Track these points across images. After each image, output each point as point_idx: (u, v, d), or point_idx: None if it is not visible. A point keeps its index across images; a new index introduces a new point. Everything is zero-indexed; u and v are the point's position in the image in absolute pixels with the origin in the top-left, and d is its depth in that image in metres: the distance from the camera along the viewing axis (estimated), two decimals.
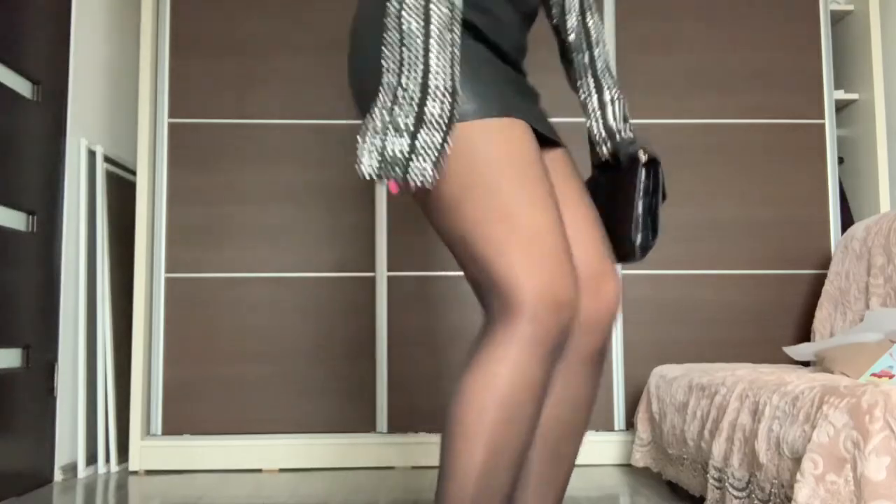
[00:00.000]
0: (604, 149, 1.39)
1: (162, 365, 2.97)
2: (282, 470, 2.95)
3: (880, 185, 3.08)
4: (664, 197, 1.32)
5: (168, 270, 3.00)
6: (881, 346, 1.91)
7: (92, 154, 3.02)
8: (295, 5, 3.09)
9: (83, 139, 2.96)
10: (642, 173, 1.29)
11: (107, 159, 3.11)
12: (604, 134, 1.39)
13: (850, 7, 3.28)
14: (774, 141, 3.09)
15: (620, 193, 1.32)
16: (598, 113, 1.41)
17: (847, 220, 3.12)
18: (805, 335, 2.96)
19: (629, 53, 3.10)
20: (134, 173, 3.18)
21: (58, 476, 2.76)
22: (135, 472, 2.90)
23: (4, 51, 2.55)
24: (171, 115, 3.04)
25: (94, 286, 2.97)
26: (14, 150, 2.59)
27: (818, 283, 2.96)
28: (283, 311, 3.01)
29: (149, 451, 2.92)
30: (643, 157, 1.30)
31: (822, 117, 3.09)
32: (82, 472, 2.84)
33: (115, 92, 3.29)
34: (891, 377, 1.77)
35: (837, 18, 3.32)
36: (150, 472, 2.90)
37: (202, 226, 3.02)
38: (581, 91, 1.45)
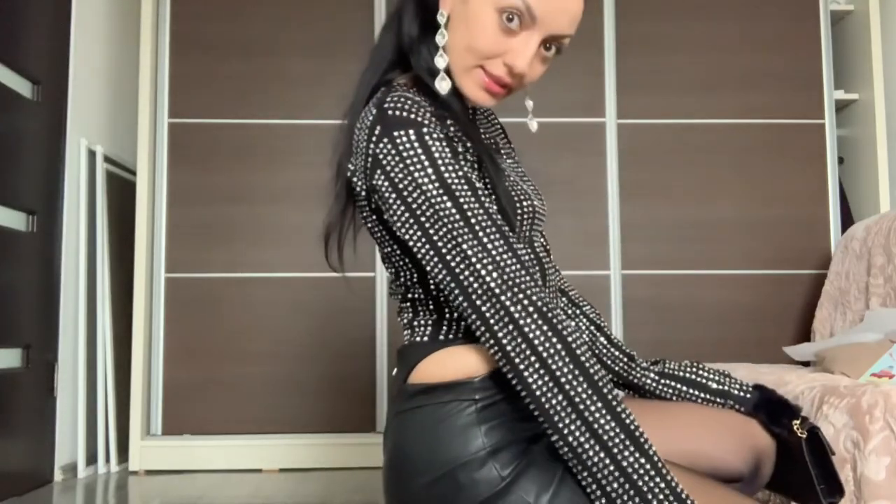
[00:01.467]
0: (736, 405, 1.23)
1: (162, 365, 2.97)
2: (282, 470, 2.94)
3: (880, 185, 3.07)
4: (832, 452, 1.19)
5: (168, 270, 3.00)
6: (881, 346, 1.91)
7: (92, 154, 3.02)
8: (294, 6, 3.09)
9: (83, 139, 2.96)
10: (806, 449, 1.15)
11: (107, 159, 3.10)
12: (719, 399, 1.22)
13: (850, 7, 3.28)
14: (774, 141, 3.08)
15: (791, 467, 1.19)
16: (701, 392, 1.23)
17: (847, 220, 3.12)
18: (805, 335, 2.96)
19: (629, 53, 3.09)
20: (134, 173, 3.18)
21: (58, 476, 2.76)
22: (135, 472, 2.90)
23: (4, 51, 2.55)
24: (171, 115, 3.04)
25: (94, 286, 2.97)
26: (14, 150, 2.59)
27: (818, 283, 2.96)
28: (283, 311, 3.01)
29: (149, 451, 2.92)
30: (802, 433, 1.15)
31: (822, 117, 3.08)
32: (82, 472, 2.84)
33: (115, 92, 3.29)
34: (891, 377, 1.77)
35: (837, 18, 3.32)
36: (150, 472, 2.90)
37: (202, 226, 3.02)
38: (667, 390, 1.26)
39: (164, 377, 2.97)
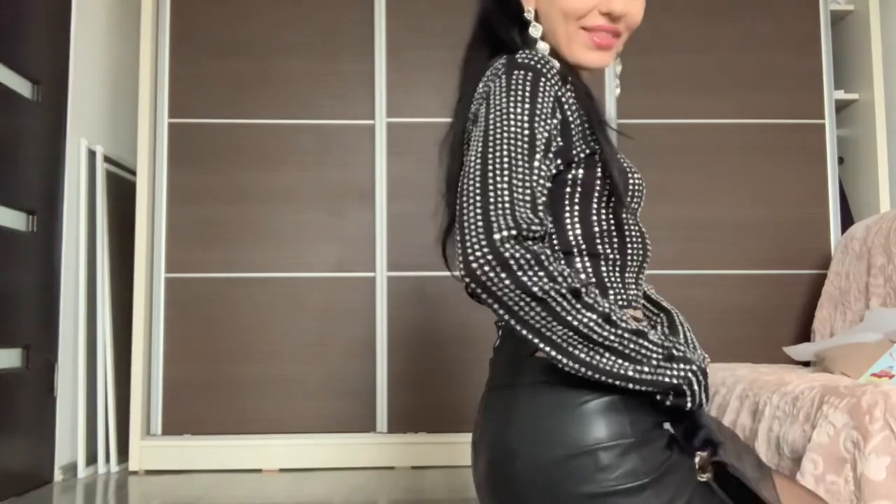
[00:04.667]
0: None
1: (162, 365, 2.97)
2: (282, 470, 2.95)
3: (880, 185, 3.07)
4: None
5: (168, 270, 3.00)
6: (881, 346, 1.91)
7: (92, 154, 3.02)
8: (294, 6, 3.09)
9: (83, 139, 2.96)
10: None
11: (107, 159, 3.10)
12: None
13: (850, 7, 3.28)
14: (774, 141, 3.08)
15: None
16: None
17: (847, 220, 3.12)
18: (805, 335, 2.96)
19: (629, 53, 3.08)
20: (134, 173, 3.18)
21: (58, 476, 2.76)
22: (135, 472, 2.90)
23: (4, 51, 2.55)
24: (171, 115, 3.04)
25: (94, 286, 2.97)
26: (14, 150, 2.59)
27: (818, 283, 2.96)
28: (283, 311, 3.01)
29: (149, 451, 2.92)
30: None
31: (822, 117, 3.08)
32: (82, 472, 2.84)
33: (115, 92, 3.29)
34: (891, 377, 1.76)
35: (837, 18, 3.32)
36: (150, 472, 2.90)
37: (202, 226, 3.02)
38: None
39: (164, 377, 2.97)
